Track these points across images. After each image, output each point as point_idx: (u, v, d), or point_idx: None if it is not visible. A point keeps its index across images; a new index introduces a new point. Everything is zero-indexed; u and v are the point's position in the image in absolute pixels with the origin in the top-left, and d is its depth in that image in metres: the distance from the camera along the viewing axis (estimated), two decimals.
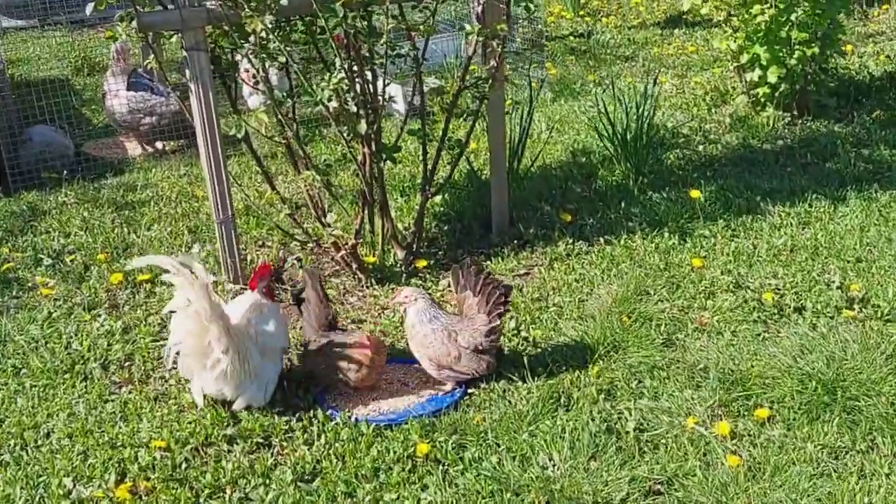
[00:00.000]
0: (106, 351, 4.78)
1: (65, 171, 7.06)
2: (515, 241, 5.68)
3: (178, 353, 4.14)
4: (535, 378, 4.28)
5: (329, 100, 4.83)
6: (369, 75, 5.13)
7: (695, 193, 5.91)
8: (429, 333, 4.28)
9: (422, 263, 5.41)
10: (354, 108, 5.00)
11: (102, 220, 6.36)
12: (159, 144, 7.79)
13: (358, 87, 5.03)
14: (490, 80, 5.31)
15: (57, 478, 3.85)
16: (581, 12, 11.32)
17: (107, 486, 3.79)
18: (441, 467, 3.79)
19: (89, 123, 8.56)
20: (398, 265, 5.42)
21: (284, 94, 5.32)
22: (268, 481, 3.78)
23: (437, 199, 5.95)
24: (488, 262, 5.47)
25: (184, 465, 3.89)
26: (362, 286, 5.32)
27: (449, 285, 5.19)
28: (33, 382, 4.55)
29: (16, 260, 5.82)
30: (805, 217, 5.76)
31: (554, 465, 3.75)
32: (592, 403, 4.12)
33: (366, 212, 5.48)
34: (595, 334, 4.59)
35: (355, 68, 5.00)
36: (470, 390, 4.28)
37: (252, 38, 4.78)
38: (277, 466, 3.87)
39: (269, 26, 4.68)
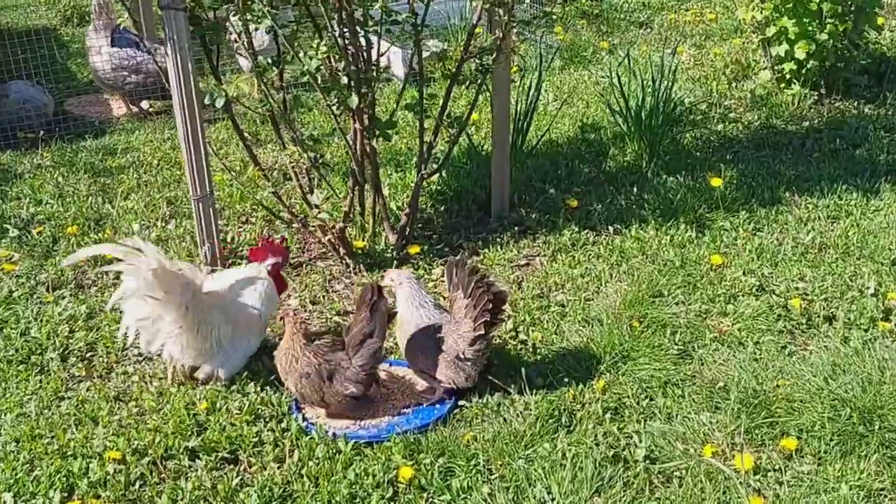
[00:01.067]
0: (67, 339, 4.41)
1: (41, 131, 6.65)
2: (516, 228, 5.26)
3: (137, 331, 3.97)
4: (534, 391, 3.84)
5: (317, 70, 4.37)
6: (363, 42, 4.65)
7: (716, 181, 5.42)
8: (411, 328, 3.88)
9: (414, 249, 4.98)
10: (345, 80, 4.53)
11: (77, 186, 5.95)
12: (145, 104, 7.37)
13: (350, 55, 4.56)
14: (495, 53, 4.83)
15: None
16: None
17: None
18: (425, 496, 3.37)
19: (73, 78, 8.11)
20: (389, 250, 4.99)
21: (270, 59, 4.81)
22: None
23: (434, 176, 5.49)
24: (485, 251, 5.03)
25: (139, 483, 3.49)
26: (350, 272, 4.90)
27: (443, 274, 4.77)
28: None
29: None
30: (834, 210, 5.28)
31: (553, 500, 3.32)
32: (597, 424, 3.68)
33: (356, 192, 5.02)
34: (602, 341, 4.15)
35: (347, 34, 4.52)
36: (461, 402, 3.84)
37: None
38: (243, 487, 3.46)
39: None
